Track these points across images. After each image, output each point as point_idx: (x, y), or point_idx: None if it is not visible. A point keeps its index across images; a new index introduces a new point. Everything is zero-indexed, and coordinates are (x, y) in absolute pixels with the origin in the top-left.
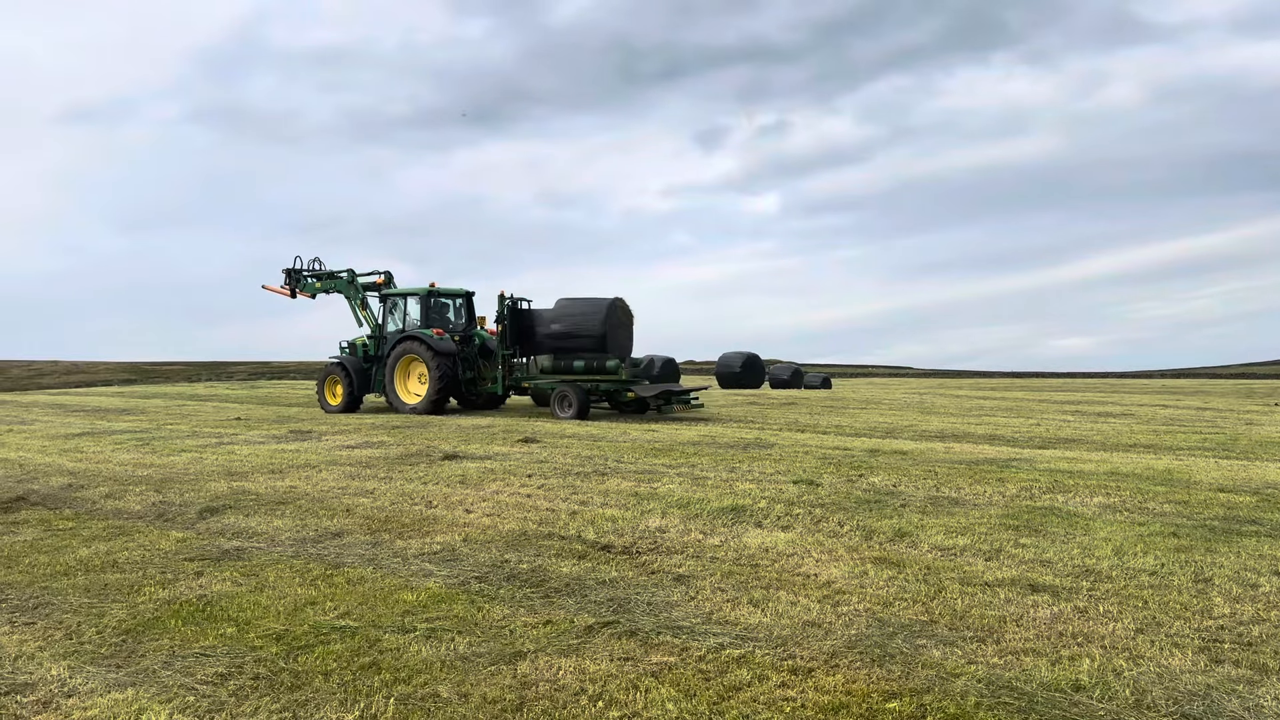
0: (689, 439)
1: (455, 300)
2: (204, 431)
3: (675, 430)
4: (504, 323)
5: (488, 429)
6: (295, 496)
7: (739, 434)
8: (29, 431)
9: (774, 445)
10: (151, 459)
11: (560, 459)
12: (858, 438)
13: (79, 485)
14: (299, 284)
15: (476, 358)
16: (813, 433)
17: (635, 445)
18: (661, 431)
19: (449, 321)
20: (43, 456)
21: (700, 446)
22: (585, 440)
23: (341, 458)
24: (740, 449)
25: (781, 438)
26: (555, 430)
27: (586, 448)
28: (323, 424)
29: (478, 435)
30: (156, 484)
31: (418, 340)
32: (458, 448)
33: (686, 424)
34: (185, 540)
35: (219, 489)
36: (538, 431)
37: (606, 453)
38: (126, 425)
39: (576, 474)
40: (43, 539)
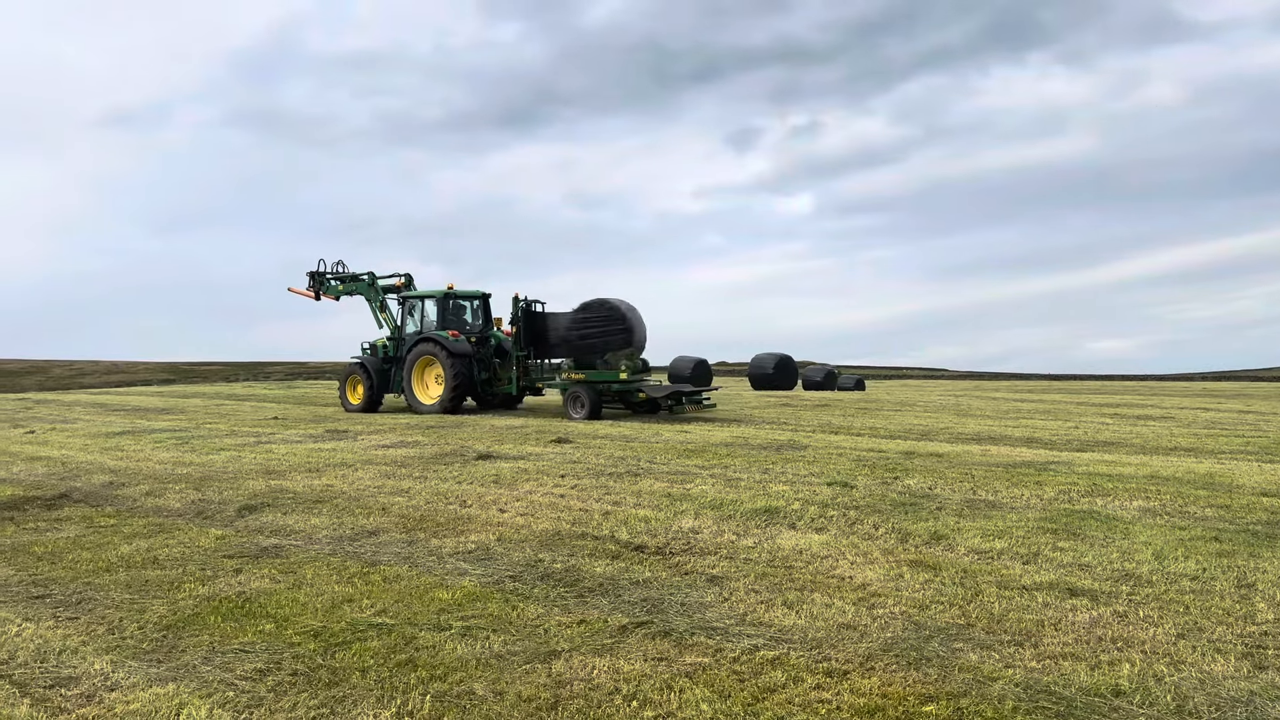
0: (722, 440)
1: (472, 302)
2: (242, 431)
3: (708, 431)
4: (518, 324)
5: (521, 429)
6: (332, 495)
7: (772, 435)
8: (71, 430)
9: (808, 447)
10: (191, 457)
11: (593, 459)
12: (892, 440)
13: (120, 483)
14: (322, 286)
15: (492, 358)
16: (847, 434)
17: (668, 446)
18: (694, 433)
19: (466, 323)
20: (85, 455)
21: (733, 448)
22: (618, 441)
23: (377, 457)
24: (774, 450)
25: (815, 439)
26: (588, 431)
27: (619, 448)
28: (358, 423)
29: (511, 435)
30: (196, 482)
31: (434, 342)
32: (491, 448)
33: (719, 425)
34: (224, 538)
35: (257, 487)
36: (570, 432)
37: (639, 453)
38: (166, 424)
39: (609, 474)
40: (85, 536)
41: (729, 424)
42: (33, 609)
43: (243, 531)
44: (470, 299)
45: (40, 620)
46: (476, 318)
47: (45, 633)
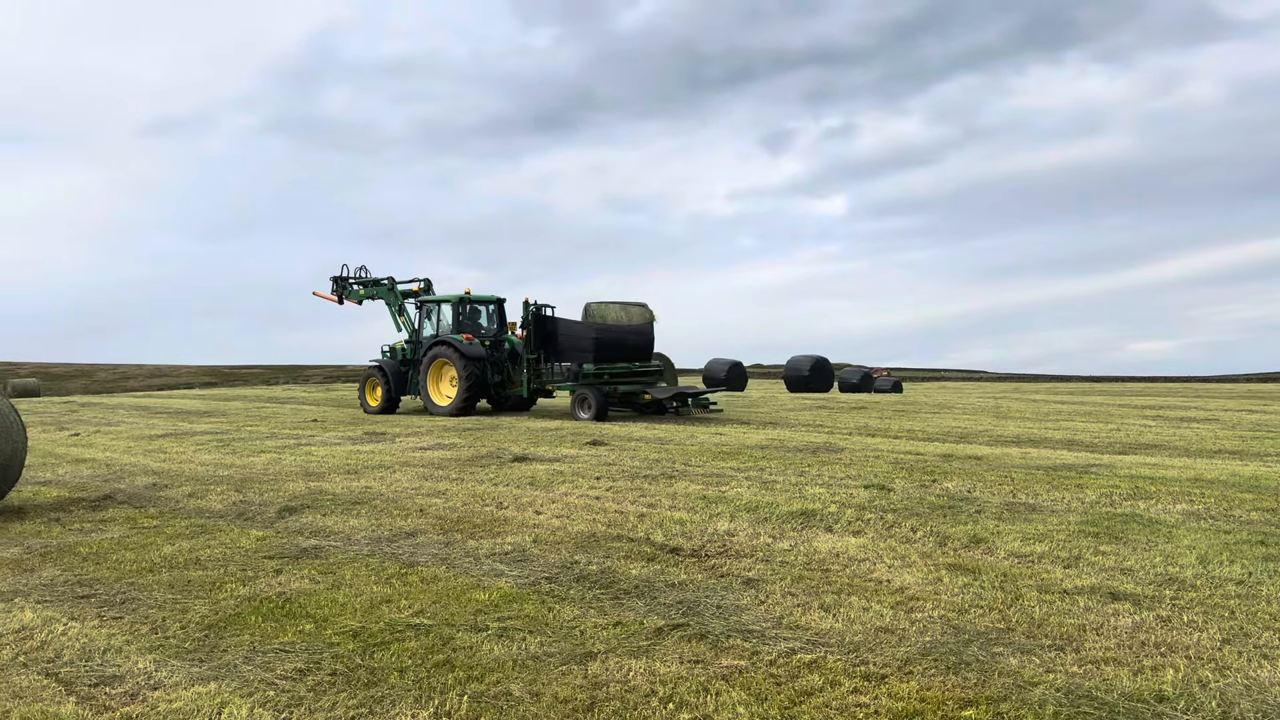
0: (757, 443)
1: (488, 306)
2: (282, 433)
3: (743, 434)
4: (529, 329)
5: (556, 432)
6: (370, 497)
7: (808, 438)
8: (115, 433)
9: (844, 449)
10: (232, 459)
11: (628, 462)
12: (930, 442)
13: (163, 485)
14: (345, 291)
15: (506, 362)
16: (884, 437)
17: (703, 449)
18: (729, 435)
19: (481, 327)
20: (128, 457)
21: (769, 450)
22: (653, 443)
23: (415, 459)
24: (809, 453)
25: (852, 442)
26: (623, 433)
27: (654, 451)
28: (396, 426)
29: (546, 437)
30: (237, 484)
31: (448, 345)
32: (527, 450)
33: (755, 427)
34: (265, 539)
35: (297, 489)
36: (605, 434)
37: (674, 456)
38: (208, 427)
39: (645, 477)
40: (129, 536)
41: (764, 426)
42: (78, 608)
43: (283, 533)
44: (485, 303)
45: (85, 619)
46: (492, 322)
47: (90, 632)
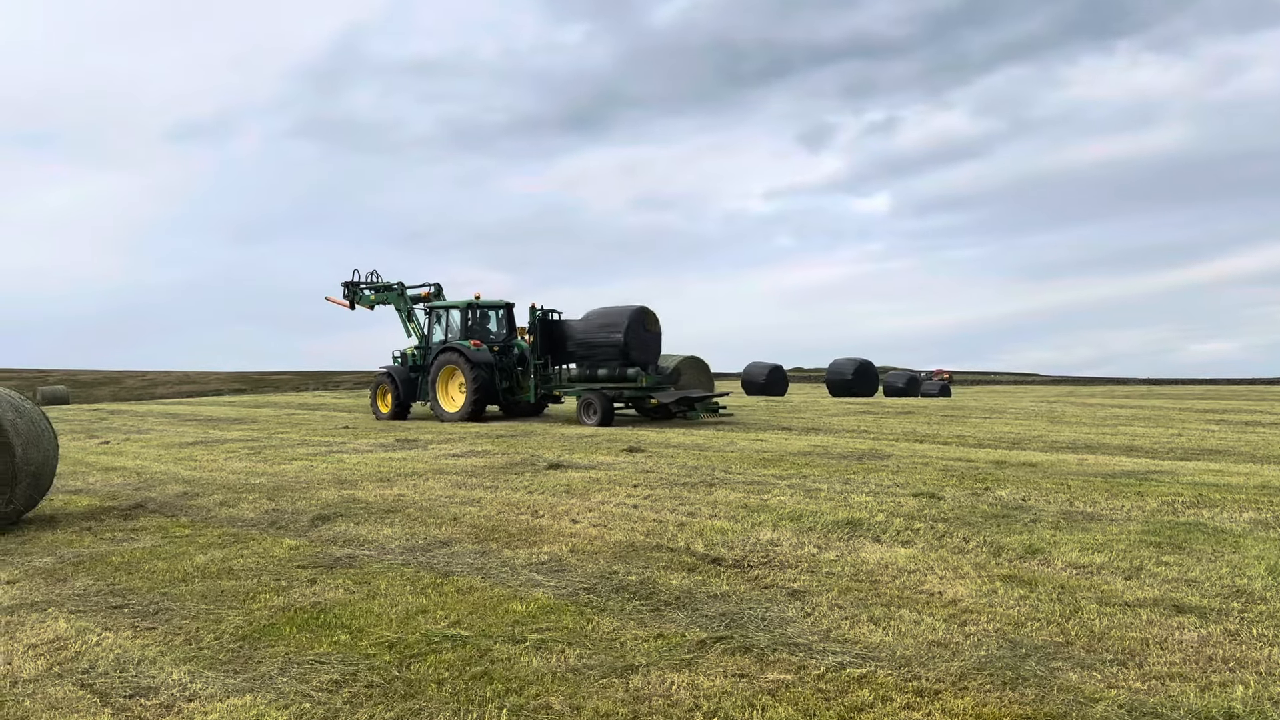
0: (800, 449)
1: (497, 311)
2: (314, 440)
3: (785, 440)
4: (535, 333)
5: (591, 439)
6: (404, 505)
7: (852, 444)
8: (145, 441)
9: (890, 456)
10: (263, 467)
11: (666, 469)
12: (981, 448)
13: (194, 493)
14: (356, 296)
15: (515, 367)
16: (932, 443)
17: (743, 455)
18: (770, 442)
19: (489, 332)
20: (159, 465)
21: (812, 457)
22: (691, 450)
23: (448, 466)
24: (855, 460)
25: (898, 448)
26: (660, 440)
27: (693, 458)
28: (428, 433)
29: (582, 444)
30: (269, 492)
31: (456, 351)
32: (562, 457)
33: (797, 434)
34: (298, 548)
35: (330, 497)
36: (642, 441)
37: (714, 463)
38: (238, 434)
39: (683, 484)
40: (161, 546)
41: (807, 433)
42: (112, 619)
43: (316, 542)
44: (494, 308)
45: (119, 630)
46: (501, 327)
47: (124, 642)
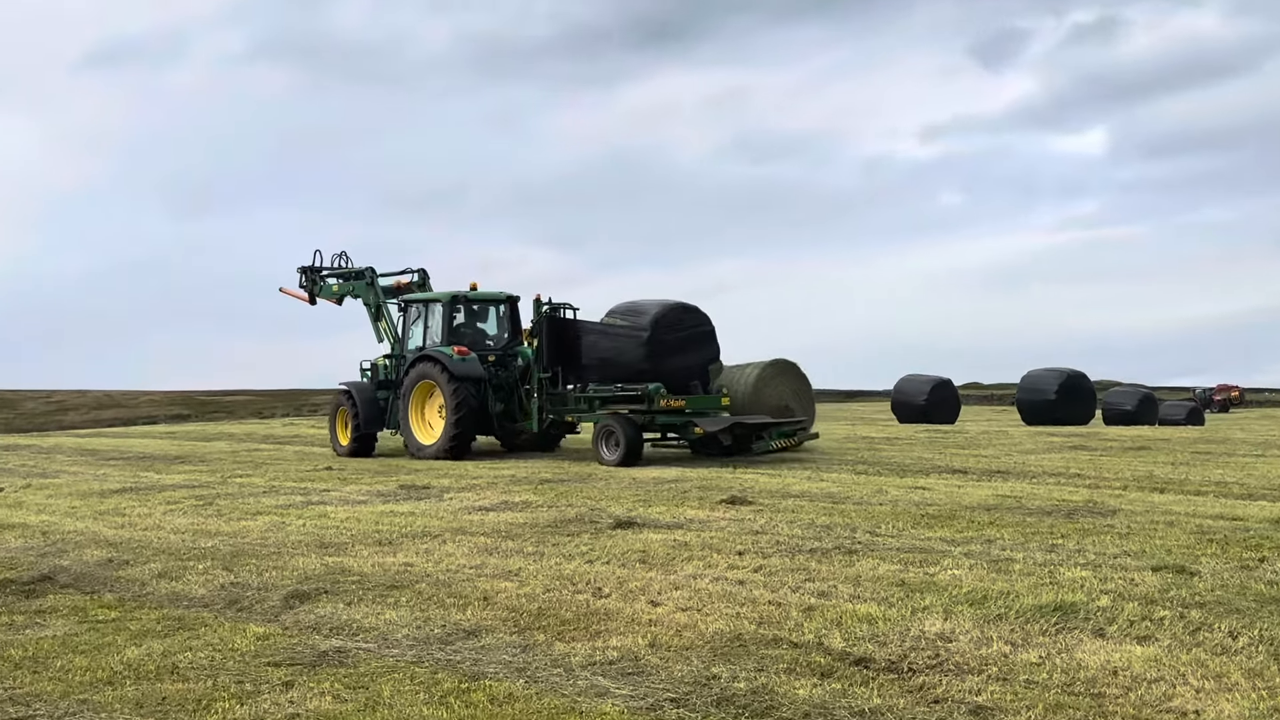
0: (980, 500)
1: (498, 307)
2: (285, 486)
3: (957, 487)
4: (540, 337)
5: (675, 484)
6: (413, 578)
7: (1059, 493)
8: (53, 488)
9: (1116, 511)
10: (217, 524)
11: (785, 529)
12: (1254, 501)
13: (122, 560)
14: (317, 286)
15: (518, 383)
16: (1178, 493)
17: (897, 509)
18: (937, 489)
19: (485, 335)
20: (72, 521)
21: (998, 512)
22: (820, 501)
23: (473, 524)
24: (1063, 516)
25: (1128, 500)
26: (775, 487)
27: (824, 512)
28: (444, 475)
29: (661, 493)
30: (225, 559)
31: (433, 361)
32: (634, 511)
33: (975, 478)
34: (267, 637)
35: (309, 567)
36: (749, 488)
37: (854, 520)
38: (182, 478)
39: (810, 551)
40: (78, 634)
41: (990, 476)
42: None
43: (292, 629)
44: (492, 303)
45: None
46: (502, 329)
47: None
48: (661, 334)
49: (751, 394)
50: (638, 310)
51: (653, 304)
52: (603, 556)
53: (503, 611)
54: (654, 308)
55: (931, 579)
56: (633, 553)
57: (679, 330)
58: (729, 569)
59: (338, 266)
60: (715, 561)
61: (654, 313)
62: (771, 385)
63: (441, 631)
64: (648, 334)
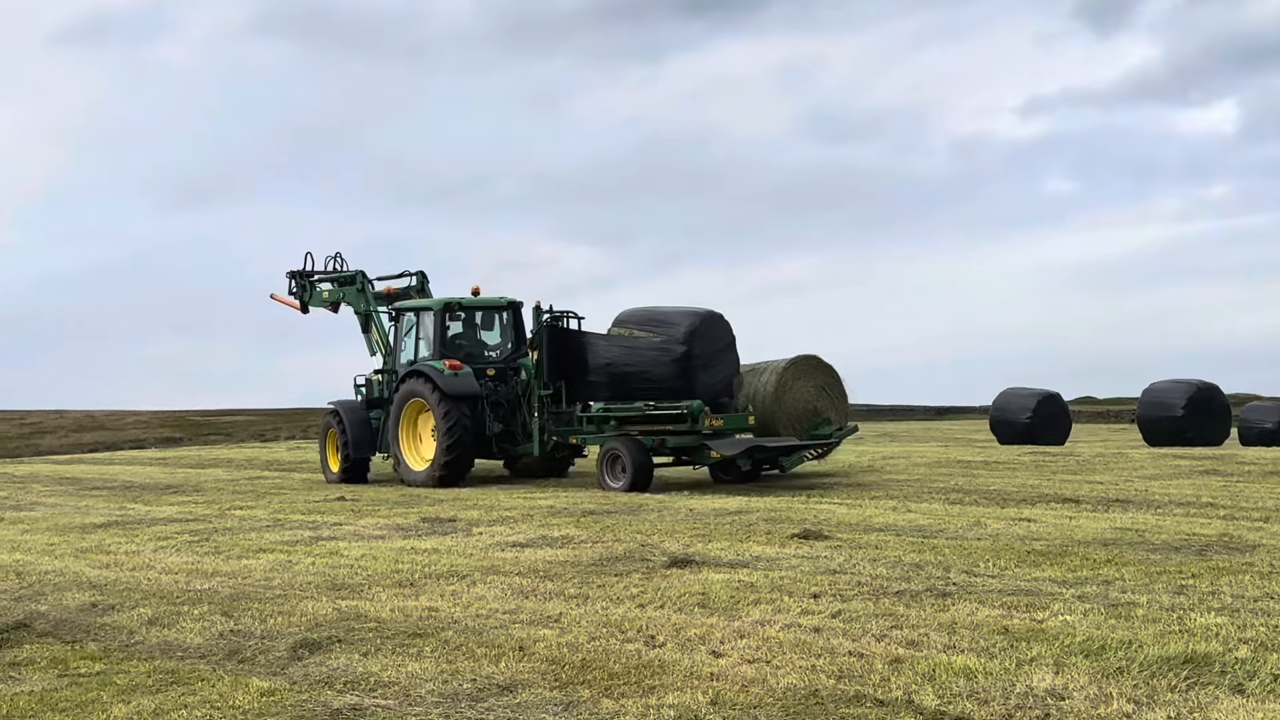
0: (1095, 534)
1: (500, 315)
2: (292, 520)
3: (1069, 519)
4: (540, 349)
5: (738, 516)
6: (438, 625)
7: (1188, 526)
8: (28, 522)
9: (1256, 546)
10: (214, 564)
11: (867, 568)
12: None
13: (107, 605)
14: (308, 293)
15: (519, 400)
16: None
17: (998, 544)
18: (1044, 521)
19: (484, 346)
20: (51, 560)
21: (1117, 548)
22: (908, 535)
23: (506, 562)
24: (1193, 553)
25: (1270, 534)
26: (855, 519)
27: (912, 548)
28: (473, 507)
29: (723, 526)
30: (224, 603)
31: (422, 376)
32: (691, 547)
33: (1089, 508)
34: (273, 693)
35: (320, 612)
36: (824, 520)
37: (947, 557)
38: (174, 510)
39: (897, 594)
40: (57, 690)
41: (1107, 506)
42: None
43: (301, 684)
44: (493, 310)
45: None
46: (506, 338)
47: None
48: (697, 347)
49: (773, 400)
50: (662, 320)
51: (679, 312)
52: (656, 600)
53: (541, 663)
54: (685, 318)
55: (1039, 626)
56: (691, 595)
57: (713, 343)
58: (802, 614)
59: (333, 270)
60: (786, 605)
61: (688, 324)
62: (795, 388)
63: (471, 686)
64: (684, 348)
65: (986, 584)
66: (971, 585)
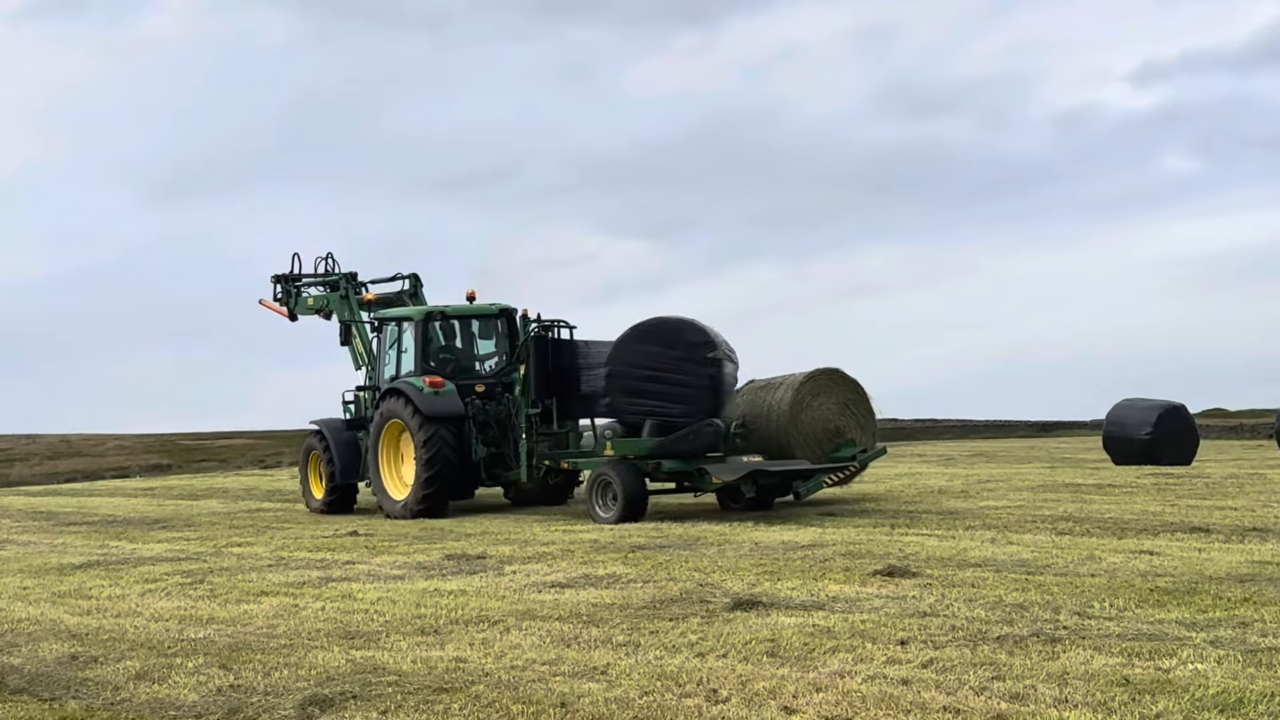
0: (1228, 568)
1: (496, 323)
2: (298, 557)
3: (1199, 551)
4: (527, 363)
5: (810, 550)
6: (467, 678)
7: None
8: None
9: None
10: (210, 609)
11: (963, 609)
12: None
13: (89, 657)
14: (293, 300)
15: (511, 420)
16: None
17: (1115, 582)
18: (1169, 554)
19: (475, 359)
20: (24, 606)
21: (1256, 584)
22: (1010, 571)
23: (544, 605)
24: None
25: None
26: (947, 553)
27: (1015, 586)
28: (504, 541)
29: (793, 562)
30: (222, 654)
31: (400, 396)
32: (758, 586)
33: (1221, 538)
34: None
35: (332, 664)
36: (911, 554)
37: (1056, 596)
38: (163, 548)
39: (998, 640)
40: None
41: (1244, 535)
42: None
43: None
44: (482, 318)
45: None
46: (501, 350)
47: None
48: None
49: (788, 420)
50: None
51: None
52: (718, 648)
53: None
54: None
55: (1165, 676)
56: (758, 643)
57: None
58: (888, 664)
59: (326, 272)
60: (869, 654)
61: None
62: (813, 406)
63: None
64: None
65: (1103, 627)
66: (1085, 629)
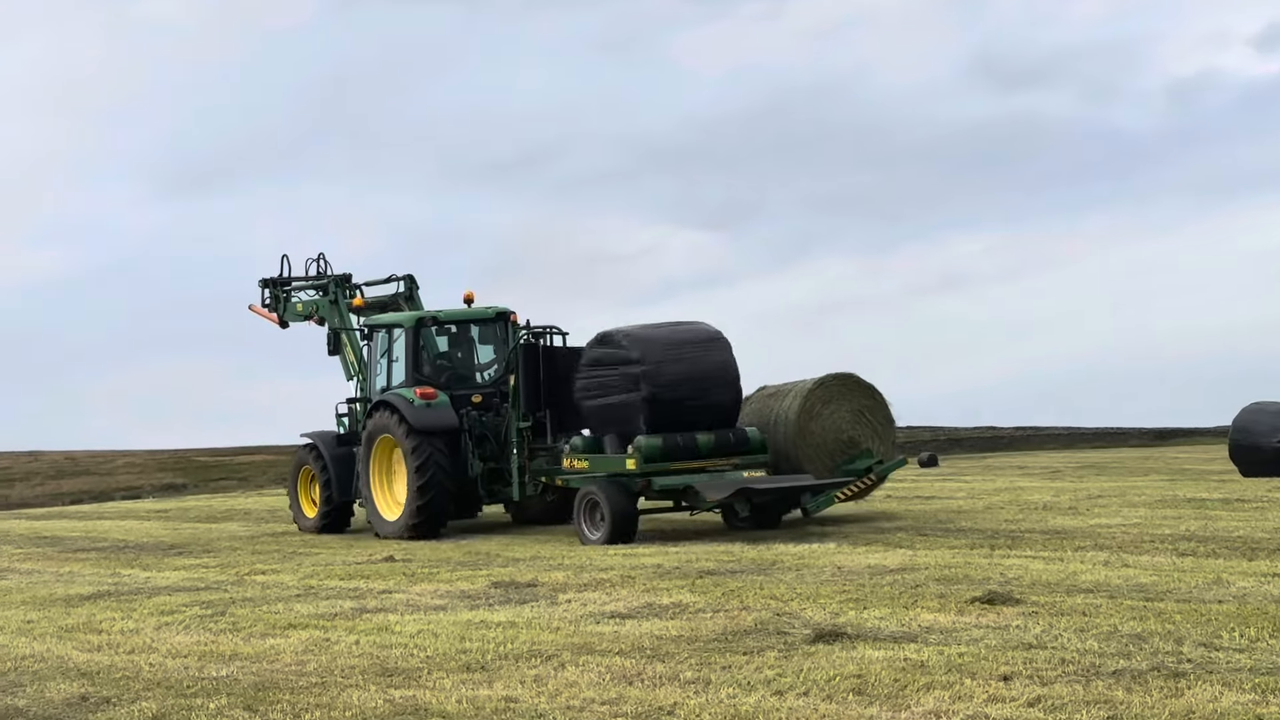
0: None
1: (495, 328)
2: (328, 586)
3: None
4: (517, 373)
5: (900, 575)
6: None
7: None
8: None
9: None
10: (233, 644)
11: (1073, 641)
12: None
13: (100, 698)
14: (282, 305)
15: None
16: None
17: (1246, 609)
18: None
19: (473, 367)
20: (29, 642)
21: None
22: (1125, 598)
23: (603, 638)
24: None
25: None
26: (1053, 577)
27: (1131, 615)
28: (557, 567)
29: (881, 588)
30: (247, 694)
31: (389, 409)
32: (841, 615)
33: None
34: None
35: (368, 704)
36: (1013, 579)
37: (1179, 626)
38: (179, 576)
39: (1114, 674)
40: None
41: None
42: None
43: None
44: (480, 323)
45: None
46: (499, 358)
47: None
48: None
49: (795, 430)
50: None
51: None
52: (798, 685)
53: None
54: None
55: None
56: (843, 679)
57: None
58: (989, 702)
59: (318, 275)
60: (968, 691)
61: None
62: (823, 415)
63: None
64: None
65: (1232, 660)
66: (1212, 662)
